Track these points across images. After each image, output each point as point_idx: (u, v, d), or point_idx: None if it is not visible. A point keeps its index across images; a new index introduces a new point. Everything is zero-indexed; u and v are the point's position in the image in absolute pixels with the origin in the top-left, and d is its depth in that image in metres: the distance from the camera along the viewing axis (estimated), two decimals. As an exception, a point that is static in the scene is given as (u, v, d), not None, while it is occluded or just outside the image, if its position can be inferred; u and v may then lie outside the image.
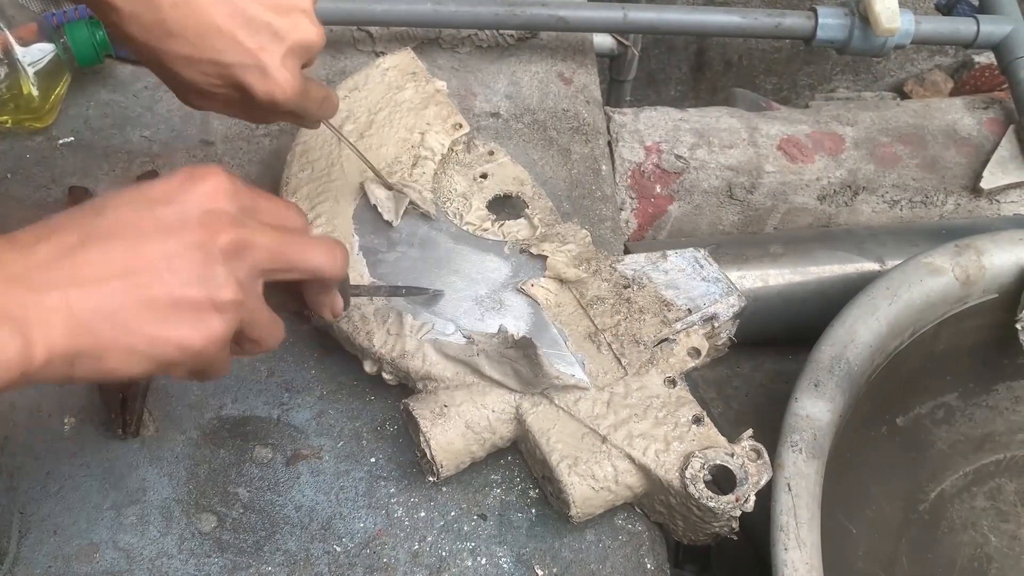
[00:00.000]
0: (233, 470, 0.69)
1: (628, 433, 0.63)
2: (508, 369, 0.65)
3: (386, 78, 0.82)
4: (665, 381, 0.66)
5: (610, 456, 0.62)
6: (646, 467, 0.62)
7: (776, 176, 1.01)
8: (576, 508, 0.62)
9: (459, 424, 0.64)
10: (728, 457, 0.61)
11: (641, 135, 1.01)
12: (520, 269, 0.72)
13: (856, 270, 0.91)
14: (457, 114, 0.80)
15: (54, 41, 0.87)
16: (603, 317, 0.68)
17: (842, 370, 0.70)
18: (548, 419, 0.64)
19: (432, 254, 0.72)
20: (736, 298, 0.70)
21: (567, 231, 0.74)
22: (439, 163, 0.77)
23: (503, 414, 0.65)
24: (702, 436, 0.63)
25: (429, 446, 0.63)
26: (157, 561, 0.64)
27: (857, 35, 0.97)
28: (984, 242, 0.79)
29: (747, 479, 0.60)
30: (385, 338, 0.67)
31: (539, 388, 0.65)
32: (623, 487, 0.63)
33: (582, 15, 0.95)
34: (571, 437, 0.63)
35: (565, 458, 0.62)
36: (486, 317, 0.69)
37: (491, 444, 0.66)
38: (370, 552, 0.65)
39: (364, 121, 0.79)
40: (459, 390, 0.65)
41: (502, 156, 0.80)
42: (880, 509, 0.84)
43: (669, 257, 0.72)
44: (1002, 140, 1.05)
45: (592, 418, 0.64)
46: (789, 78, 1.65)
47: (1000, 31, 1.02)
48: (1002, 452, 0.90)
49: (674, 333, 0.68)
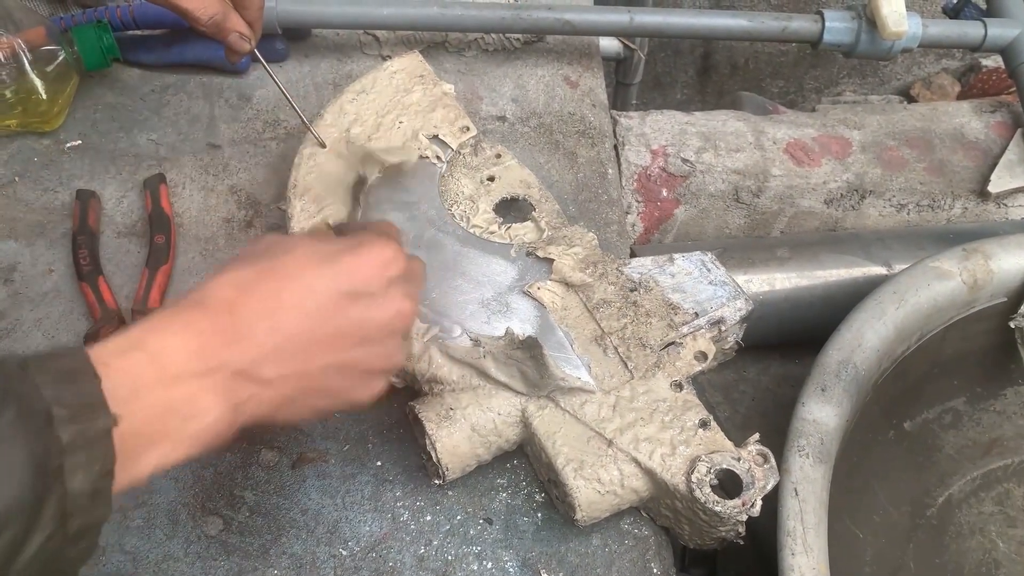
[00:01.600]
0: (239, 473, 0.69)
1: (634, 437, 0.63)
2: (514, 371, 0.65)
3: (394, 81, 0.83)
4: (671, 385, 0.66)
5: (616, 460, 0.62)
6: (652, 471, 0.62)
7: (783, 180, 1.01)
8: (582, 512, 0.62)
9: (465, 427, 0.64)
10: (734, 461, 0.61)
11: (647, 138, 1.01)
12: (526, 272, 0.72)
13: (863, 274, 0.91)
14: (465, 117, 0.80)
15: (62, 45, 0.87)
16: (609, 320, 0.68)
17: (849, 375, 0.70)
18: (554, 422, 0.64)
19: (438, 257, 0.72)
20: (743, 302, 0.70)
21: (573, 234, 0.74)
22: (447, 166, 0.77)
23: (509, 417, 0.65)
24: (708, 440, 0.63)
25: (435, 449, 0.63)
26: (163, 564, 0.64)
27: (864, 38, 0.97)
28: (992, 246, 0.79)
29: (753, 484, 0.60)
30: None
31: (545, 391, 0.65)
32: (629, 491, 0.63)
33: (588, 19, 0.95)
34: (577, 440, 0.63)
35: (571, 461, 0.62)
36: (492, 320, 0.69)
37: (497, 447, 0.66)
38: (376, 556, 0.65)
39: (371, 124, 0.79)
40: (465, 393, 0.65)
41: (509, 159, 0.80)
42: (887, 514, 0.84)
43: (676, 260, 0.72)
44: (1010, 144, 1.05)
45: (598, 421, 0.64)
46: (795, 81, 1.65)
47: (1008, 34, 1.01)
48: (1010, 457, 0.90)
49: (680, 337, 0.68)
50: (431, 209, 0.75)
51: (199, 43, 0.95)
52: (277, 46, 0.98)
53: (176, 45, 0.96)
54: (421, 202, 0.76)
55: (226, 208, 0.85)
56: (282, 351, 0.47)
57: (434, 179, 0.77)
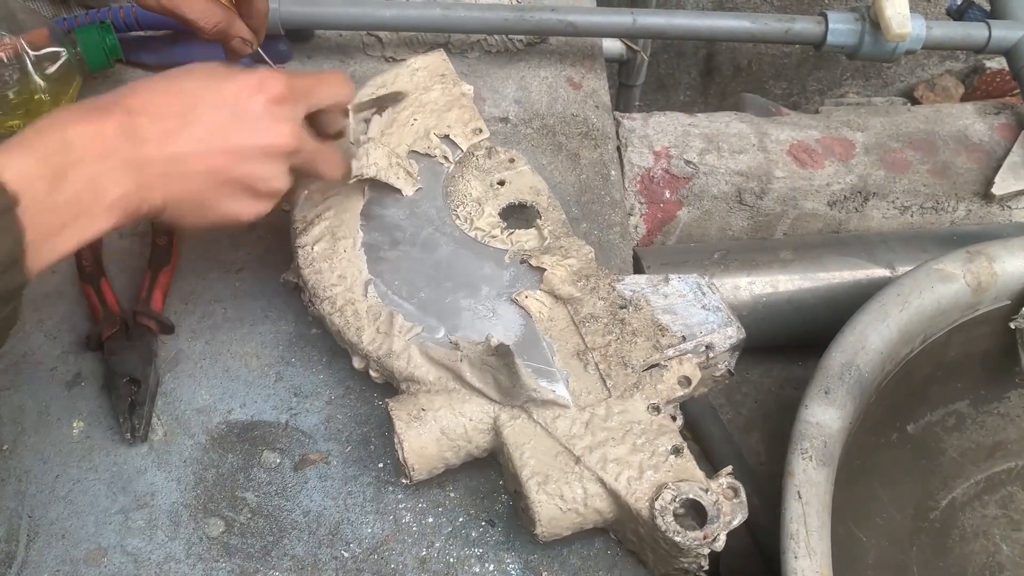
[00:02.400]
0: (241, 475, 0.69)
1: (603, 456, 0.61)
2: (489, 378, 0.64)
3: (415, 78, 0.82)
4: (649, 408, 0.64)
5: (582, 478, 0.61)
6: (616, 493, 0.60)
7: (786, 181, 1.01)
8: (541, 527, 0.61)
9: (435, 429, 0.63)
10: (702, 492, 0.59)
11: (650, 140, 1.01)
12: (518, 279, 0.71)
13: (866, 276, 0.91)
14: (479, 119, 0.80)
15: (65, 46, 0.87)
16: (594, 336, 0.67)
17: (852, 377, 0.69)
18: (524, 434, 0.63)
19: (432, 256, 0.72)
20: (735, 330, 0.68)
21: (570, 245, 0.72)
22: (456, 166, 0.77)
23: (480, 424, 0.64)
24: (679, 468, 0.61)
25: (402, 448, 0.62)
26: (165, 565, 0.64)
27: (867, 40, 0.97)
28: (996, 248, 0.79)
29: (719, 517, 0.58)
30: (374, 336, 0.67)
31: (518, 400, 0.64)
32: (592, 511, 0.61)
33: (592, 20, 0.95)
34: (545, 454, 0.62)
35: (536, 475, 0.61)
36: (477, 324, 0.68)
37: (466, 452, 0.65)
38: (378, 558, 0.65)
39: (386, 119, 0.79)
40: (439, 395, 0.65)
41: (522, 164, 0.79)
42: (890, 517, 0.84)
43: (671, 281, 0.70)
44: (1014, 146, 1.05)
45: (569, 437, 0.62)
46: (799, 83, 1.64)
47: (1012, 36, 1.01)
48: (1014, 460, 0.90)
49: (665, 359, 0.66)
50: (431, 208, 0.75)
51: (202, 44, 0.94)
52: (280, 47, 0.98)
53: (179, 46, 0.96)
54: (423, 200, 0.76)
55: (228, 209, 0.85)
56: (173, 156, 0.54)
57: (439, 178, 0.77)
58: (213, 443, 0.70)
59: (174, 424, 0.71)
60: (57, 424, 0.70)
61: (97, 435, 0.70)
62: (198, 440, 0.70)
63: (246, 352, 0.75)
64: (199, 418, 0.71)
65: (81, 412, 0.71)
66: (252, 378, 0.74)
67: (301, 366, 0.74)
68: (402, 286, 0.70)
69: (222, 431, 0.71)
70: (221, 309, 0.77)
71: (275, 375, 0.74)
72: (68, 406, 0.71)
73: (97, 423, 0.70)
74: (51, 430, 0.70)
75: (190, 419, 0.71)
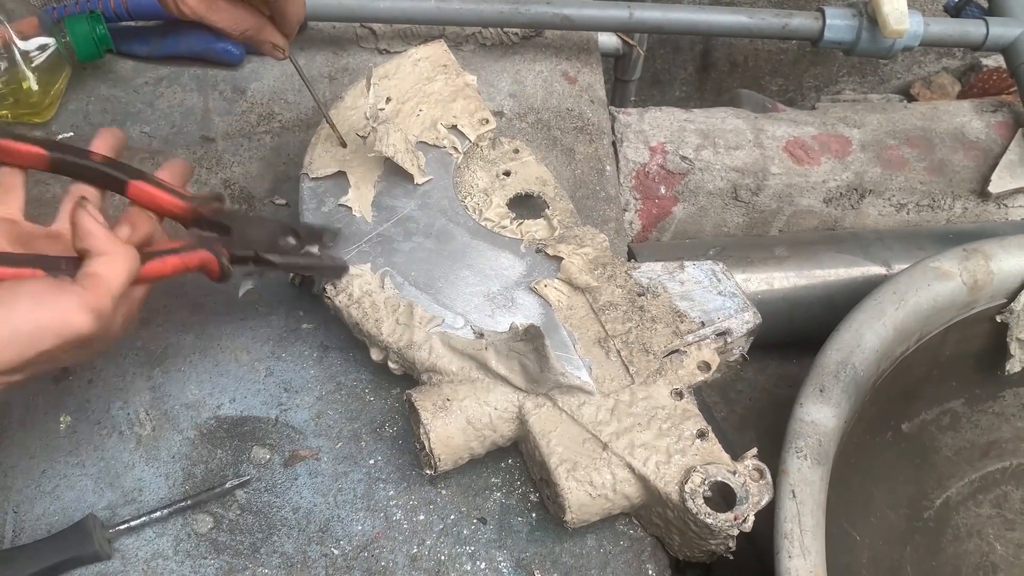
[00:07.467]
0: (230, 471, 0.68)
1: (630, 442, 0.62)
2: (515, 364, 0.64)
3: (417, 68, 0.82)
4: (672, 393, 0.65)
5: (610, 464, 0.61)
6: (645, 478, 0.61)
7: (782, 178, 1.00)
8: (572, 513, 0.61)
9: (460, 419, 0.63)
10: (730, 474, 0.60)
11: (646, 135, 1.00)
12: (534, 269, 0.71)
13: (862, 274, 0.90)
14: (485, 109, 0.80)
15: (54, 35, 0.86)
16: (614, 323, 0.68)
17: (848, 375, 0.69)
18: (550, 421, 0.63)
19: (447, 247, 0.72)
20: (751, 315, 0.69)
21: (585, 234, 0.73)
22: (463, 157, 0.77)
23: (505, 412, 0.64)
24: (705, 451, 0.62)
25: (428, 438, 0.62)
26: (152, 562, 0.63)
27: (865, 36, 0.96)
28: (992, 247, 0.79)
29: (748, 498, 0.59)
30: (394, 327, 0.67)
31: (544, 387, 0.64)
32: (621, 496, 0.62)
33: (587, 14, 0.95)
34: (572, 441, 0.62)
35: (564, 462, 0.61)
36: (496, 314, 0.68)
37: (491, 442, 0.65)
38: (368, 555, 0.64)
39: (391, 109, 0.79)
40: (463, 385, 0.65)
41: (527, 155, 0.79)
42: (885, 516, 0.83)
43: (686, 268, 0.72)
44: (1011, 144, 1.05)
45: (595, 424, 0.63)
46: (795, 79, 1.64)
47: (1010, 33, 1.01)
48: (1008, 459, 0.90)
49: (685, 345, 0.67)
50: (443, 199, 0.75)
51: (193, 35, 0.94)
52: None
53: (170, 36, 0.95)
54: (434, 191, 0.75)
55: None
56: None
57: (449, 169, 0.76)
58: (202, 438, 0.69)
59: (163, 419, 0.70)
60: (43, 418, 0.70)
61: (84, 430, 0.69)
62: (187, 435, 0.69)
63: (236, 346, 0.74)
64: (188, 413, 0.70)
65: (68, 406, 0.70)
66: (242, 373, 0.73)
67: (292, 361, 0.74)
68: (418, 277, 0.70)
69: (211, 426, 0.70)
70: (211, 302, 0.77)
71: (265, 370, 0.73)
72: (54, 400, 0.70)
73: (84, 418, 0.70)
74: (37, 424, 0.69)
75: (179, 414, 0.70)
